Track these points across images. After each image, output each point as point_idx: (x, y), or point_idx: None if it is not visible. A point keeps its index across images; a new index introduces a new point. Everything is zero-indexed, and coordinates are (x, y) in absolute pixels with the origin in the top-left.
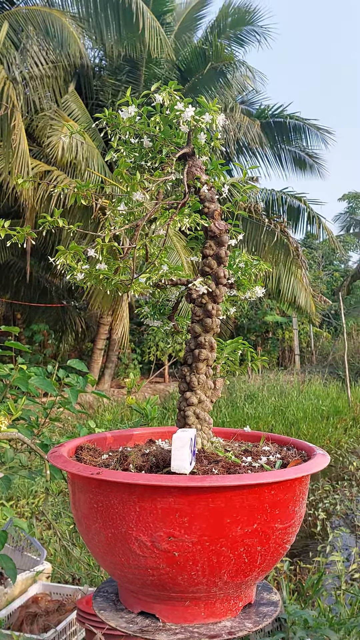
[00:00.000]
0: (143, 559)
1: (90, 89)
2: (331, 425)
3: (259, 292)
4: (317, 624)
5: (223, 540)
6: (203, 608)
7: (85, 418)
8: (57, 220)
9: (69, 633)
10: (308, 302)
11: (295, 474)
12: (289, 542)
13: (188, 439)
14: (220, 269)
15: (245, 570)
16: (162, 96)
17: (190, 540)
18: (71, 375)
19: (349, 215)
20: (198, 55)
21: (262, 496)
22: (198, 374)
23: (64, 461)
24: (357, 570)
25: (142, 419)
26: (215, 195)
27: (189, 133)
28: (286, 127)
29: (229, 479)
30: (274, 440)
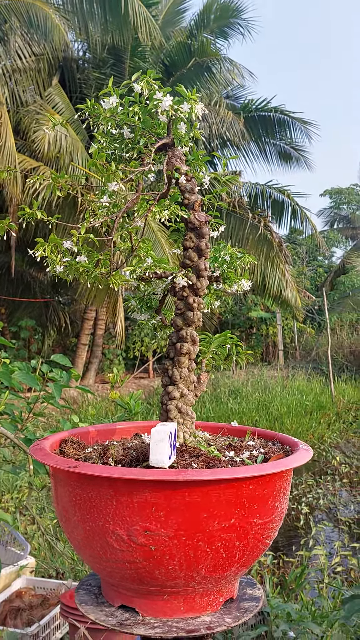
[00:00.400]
0: (120, 552)
1: (74, 83)
2: (314, 420)
3: (245, 286)
4: (300, 617)
5: (200, 535)
6: (182, 602)
7: (69, 413)
8: (36, 213)
9: (53, 627)
10: (294, 296)
11: (274, 468)
12: (269, 537)
13: (167, 433)
14: (201, 261)
15: (224, 565)
16: (140, 86)
17: (167, 534)
18: (55, 370)
19: (332, 210)
20: (182, 50)
21: (240, 491)
22: (180, 368)
23: (44, 454)
24: (340, 563)
25: (126, 414)
26: (195, 187)
27: (168, 123)
28: (271, 121)
29: (205, 474)
30: (260, 435)
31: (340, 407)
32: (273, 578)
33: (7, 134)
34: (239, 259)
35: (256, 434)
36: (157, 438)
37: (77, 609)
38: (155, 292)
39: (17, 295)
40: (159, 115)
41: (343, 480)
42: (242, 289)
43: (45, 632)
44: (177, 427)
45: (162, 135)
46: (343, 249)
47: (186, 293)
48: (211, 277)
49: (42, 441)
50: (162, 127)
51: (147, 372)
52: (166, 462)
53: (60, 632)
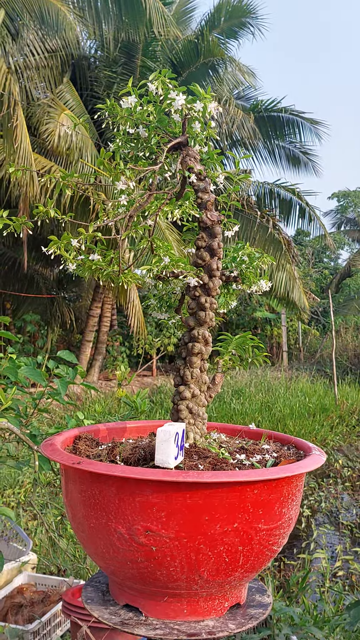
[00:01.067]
0: (123, 551)
1: (85, 80)
2: (317, 423)
3: (265, 286)
4: (302, 621)
5: (201, 538)
6: (186, 605)
7: (73, 409)
8: (50, 211)
9: (54, 624)
10: (301, 297)
11: (278, 474)
12: (276, 544)
13: (173, 433)
14: (214, 261)
15: (227, 570)
16: (154, 85)
17: (168, 535)
18: (61, 367)
19: (339, 213)
20: (191, 49)
21: (244, 495)
22: (192, 368)
23: (53, 450)
24: (341, 568)
25: (132, 412)
26: (209, 186)
27: (183, 122)
28: (280, 121)
29: (205, 476)
30: (277, 439)
31: (343, 410)
32: (274, 581)
33: (22, 134)
34: (257, 259)
35: (272, 438)
36: (163, 438)
37: (79, 606)
38: (175, 291)
39: (23, 290)
40: (173, 115)
41: (345, 483)
42: (261, 290)
43: (46, 629)
44: (188, 427)
45: (178, 134)
46: (349, 252)
47: (198, 293)
48: (229, 277)
49: (54, 437)
50: (178, 126)
51: (151, 370)
52: (171, 463)
53: (60, 629)
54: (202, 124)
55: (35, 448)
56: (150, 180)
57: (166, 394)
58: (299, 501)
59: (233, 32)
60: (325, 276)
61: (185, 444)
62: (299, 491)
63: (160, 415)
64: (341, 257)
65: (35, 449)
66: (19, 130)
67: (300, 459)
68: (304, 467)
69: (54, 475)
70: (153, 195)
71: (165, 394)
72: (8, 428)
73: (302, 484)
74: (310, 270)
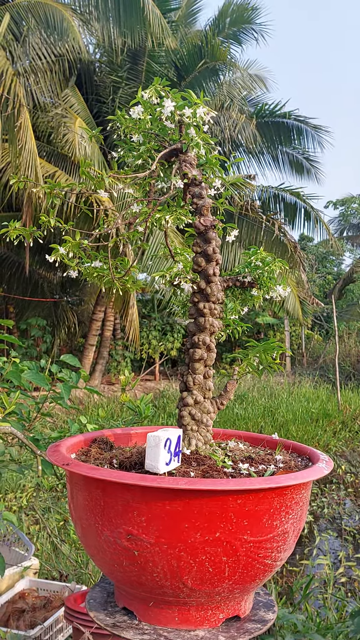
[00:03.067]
0: (109, 553)
1: (90, 85)
2: (320, 428)
3: (282, 292)
4: (305, 628)
5: (182, 545)
6: (177, 613)
7: (76, 414)
8: (50, 221)
9: (56, 630)
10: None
11: (260, 484)
12: (269, 557)
13: (162, 439)
14: (210, 267)
15: (212, 580)
16: (148, 93)
17: (148, 541)
18: (64, 371)
19: (342, 219)
20: (195, 53)
21: (225, 504)
22: (194, 374)
23: (54, 451)
24: (344, 574)
25: (135, 417)
26: (204, 191)
27: (180, 129)
28: (284, 127)
29: (181, 482)
30: (295, 449)
31: (346, 415)
32: (277, 587)
33: (27, 136)
34: (271, 262)
35: (290, 448)
36: (152, 443)
37: (81, 612)
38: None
39: (27, 294)
40: (165, 122)
41: (348, 489)
42: (279, 296)
43: (48, 634)
44: (190, 434)
45: (177, 141)
46: (352, 258)
47: (197, 298)
48: (244, 282)
49: (65, 440)
50: (177, 133)
51: (154, 374)
52: (161, 468)
53: (62, 635)
54: (195, 129)
55: (38, 452)
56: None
57: (169, 399)
58: (298, 514)
59: (237, 37)
60: (328, 282)
61: (187, 451)
62: (297, 504)
63: (163, 419)
64: (344, 262)
65: (38, 453)
66: (23, 131)
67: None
68: (294, 479)
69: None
70: (152, 202)
71: (168, 398)
72: (11, 432)
73: (302, 496)
74: (313, 276)
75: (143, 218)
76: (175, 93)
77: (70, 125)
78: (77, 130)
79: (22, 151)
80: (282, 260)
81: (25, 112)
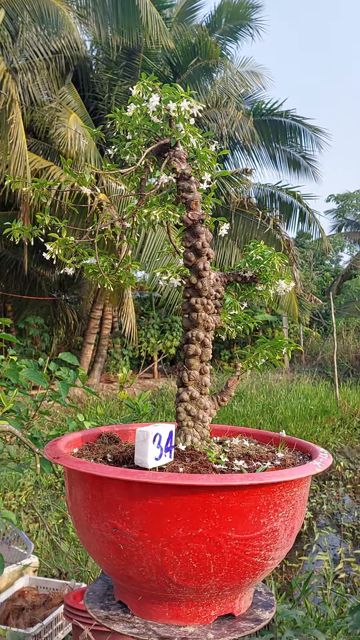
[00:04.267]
0: (98, 546)
1: (87, 82)
2: (319, 425)
3: (285, 287)
4: (305, 624)
5: (164, 540)
6: (167, 608)
7: (75, 412)
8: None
9: (55, 628)
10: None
11: (243, 480)
12: (257, 555)
13: (151, 434)
14: (200, 261)
15: (198, 577)
16: (136, 90)
17: (132, 535)
18: (62, 369)
19: (339, 215)
20: (190, 51)
21: (208, 500)
22: (190, 370)
23: (51, 445)
24: (343, 570)
25: (134, 414)
26: (193, 185)
27: (170, 124)
28: (282, 126)
29: (160, 477)
30: (299, 447)
31: (345, 412)
32: (276, 583)
33: (18, 133)
34: (271, 256)
35: (295, 446)
36: (141, 438)
37: (81, 610)
38: None
39: (25, 292)
40: (152, 117)
41: (347, 485)
42: (283, 291)
43: (48, 632)
44: (186, 430)
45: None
46: (350, 254)
47: (189, 294)
48: (245, 277)
49: (61, 437)
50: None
51: (152, 372)
52: (149, 463)
53: (62, 632)
54: (182, 123)
55: (36, 450)
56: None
57: (167, 396)
58: (290, 512)
59: (233, 34)
60: (326, 278)
61: (182, 447)
62: (288, 502)
63: (162, 417)
64: (342, 259)
65: (36, 451)
66: (14, 127)
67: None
68: (279, 476)
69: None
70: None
71: (167, 396)
72: (9, 430)
73: (295, 494)
74: (311, 273)
75: (130, 213)
76: (165, 88)
77: (63, 120)
78: (71, 125)
79: (12, 147)
80: (281, 253)
81: (17, 108)
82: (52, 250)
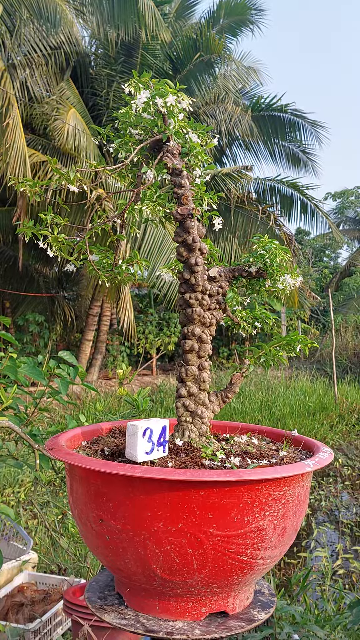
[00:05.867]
0: (89, 536)
1: (86, 78)
2: (317, 422)
3: (290, 282)
4: (303, 620)
5: (146, 533)
6: (157, 602)
7: (73, 409)
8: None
9: (55, 623)
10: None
11: (220, 477)
12: (242, 554)
13: (140, 428)
14: (192, 256)
15: (181, 571)
16: (127, 87)
17: (116, 527)
18: (61, 366)
19: (338, 212)
20: (190, 46)
21: (187, 495)
22: (187, 366)
23: (53, 439)
24: (341, 566)
25: (133, 411)
26: (185, 180)
27: (164, 120)
28: (281, 121)
29: (138, 470)
30: (305, 446)
31: (343, 408)
32: (275, 580)
33: (16, 134)
34: (275, 249)
35: (302, 444)
36: (130, 432)
37: (80, 605)
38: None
39: (23, 289)
40: (143, 113)
41: (345, 482)
42: (291, 286)
43: (47, 628)
44: (184, 425)
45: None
46: (349, 251)
47: (183, 289)
48: (250, 272)
49: (63, 433)
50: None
51: (151, 369)
52: (138, 457)
53: (61, 628)
54: (173, 118)
55: (36, 447)
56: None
57: (166, 393)
58: (280, 512)
59: (233, 30)
60: (325, 275)
61: (179, 442)
62: (277, 500)
63: (160, 414)
64: (341, 256)
65: (36, 447)
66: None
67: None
68: (260, 474)
69: (54, 474)
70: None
71: (165, 392)
72: (9, 427)
73: (285, 493)
74: (310, 270)
75: (120, 210)
76: (155, 84)
77: (62, 114)
78: (69, 120)
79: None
80: (284, 247)
81: (14, 111)
82: (44, 246)
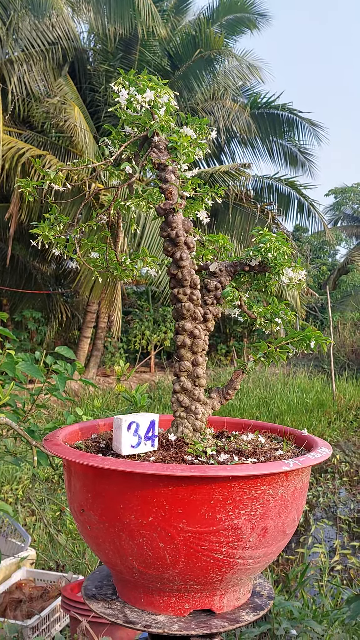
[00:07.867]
0: (79, 525)
1: (84, 73)
2: (315, 418)
3: (292, 275)
4: (301, 615)
5: (119, 525)
6: (142, 595)
7: (71, 405)
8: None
9: (53, 619)
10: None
11: (185, 472)
12: (217, 552)
13: (125, 421)
14: (178, 251)
15: (156, 565)
16: (114, 85)
17: (95, 517)
18: (59, 362)
19: (336, 209)
20: (189, 42)
21: (157, 489)
22: (181, 361)
23: (52, 434)
24: (339, 562)
25: (131, 407)
26: (170, 174)
27: (152, 114)
28: (279, 119)
29: (107, 462)
30: (308, 445)
31: (341, 405)
32: (273, 575)
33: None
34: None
35: (304, 442)
36: (116, 425)
37: (78, 602)
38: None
39: (20, 286)
40: (127, 109)
41: (343, 478)
42: (291, 281)
43: (45, 624)
44: (178, 420)
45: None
46: (347, 248)
47: (172, 285)
48: (252, 267)
49: (61, 429)
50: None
51: (149, 366)
52: (123, 450)
53: (59, 624)
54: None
55: (34, 443)
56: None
57: (164, 390)
58: (259, 512)
59: (232, 26)
60: (323, 272)
61: (172, 437)
62: (254, 499)
63: (158, 410)
64: (339, 253)
65: (34, 444)
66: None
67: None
68: (230, 470)
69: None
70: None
71: (164, 389)
72: (6, 423)
73: (263, 493)
74: (308, 267)
75: (107, 206)
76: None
77: (69, 113)
78: (77, 118)
79: None
80: (283, 241)
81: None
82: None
